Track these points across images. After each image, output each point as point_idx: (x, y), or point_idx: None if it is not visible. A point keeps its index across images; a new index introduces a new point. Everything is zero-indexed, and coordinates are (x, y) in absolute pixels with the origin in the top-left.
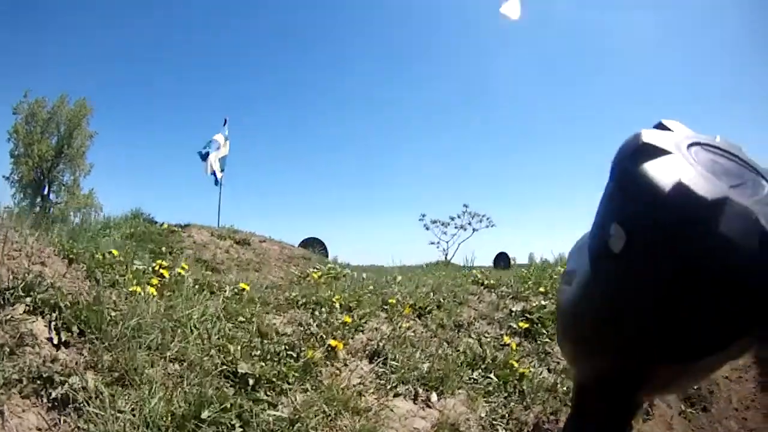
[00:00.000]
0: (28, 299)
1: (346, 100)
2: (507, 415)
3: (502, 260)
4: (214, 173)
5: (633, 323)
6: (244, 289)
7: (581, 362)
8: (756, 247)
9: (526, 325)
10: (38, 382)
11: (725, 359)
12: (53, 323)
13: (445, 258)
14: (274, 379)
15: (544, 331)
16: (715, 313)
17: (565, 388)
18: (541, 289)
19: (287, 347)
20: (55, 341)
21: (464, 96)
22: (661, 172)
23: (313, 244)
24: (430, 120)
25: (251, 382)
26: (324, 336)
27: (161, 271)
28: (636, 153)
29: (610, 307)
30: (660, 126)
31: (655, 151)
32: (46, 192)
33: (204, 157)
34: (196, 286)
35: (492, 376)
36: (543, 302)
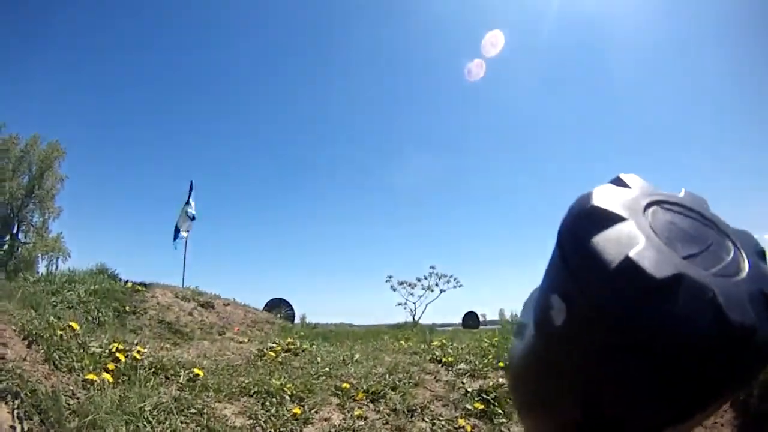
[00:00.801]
0: None
1: (313, 162)
2: None
3: (471, 319)
4: (178, 232)
5: (574, 399)
6: (198, 375)
7: (527, 419)
8: (711, 328)
9: (482, 406)
10: None
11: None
12: (16, 411)
13: (413, 319)
14: None
15: (501, 411)
16: (656, 397)
17: None
18: (501, 364)
19: None
20: (18, 430)
21: (430, 159)
22: (609, 245)
23: (279, 305)
24: (398, 183)
25: None
26: (272, 431)
27: (117, 354)
28: (583, 219)
29: (553, 378)
30: (617, 181)
31: (605, 218)
32: (15, 231)
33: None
34: (152, 370)
35: None
36: (501, 380)
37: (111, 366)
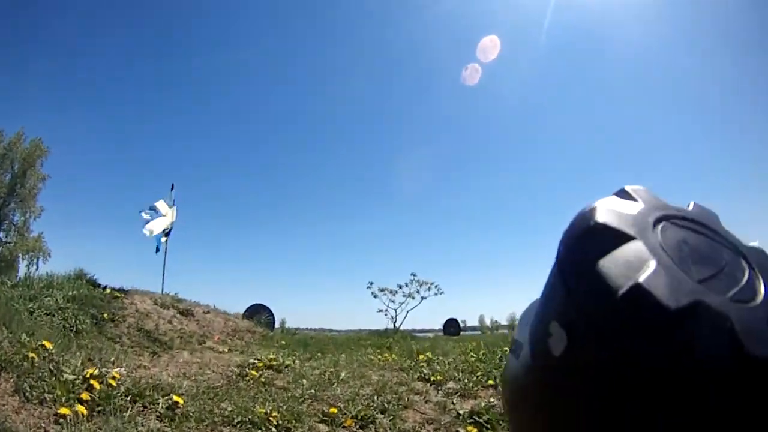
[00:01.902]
0: None
1: (294, 166)
2: None
3: (452, 326)
4: (158, 240)
5: None
6: (178, 403)
7: None
8: (729, 362)
9: (475, 430)
10: None
11: None
12: None
13: (394, 325)
14: None
15: None
16: None
17: None
18: (491, 382)
19: None
20: None
21: (414, 167)
22: (616, 269)
23: (259, 311)
24: (379, 190)
25: None
26: None
27: (92, 381)
28: (586, 238)
29: (549, 411)
30: (622, 194)
31: (611, 237)
32: None
33: (145, 222)
34: (129, 397)
35: None
36: (492, 400)
37: (85, 396)
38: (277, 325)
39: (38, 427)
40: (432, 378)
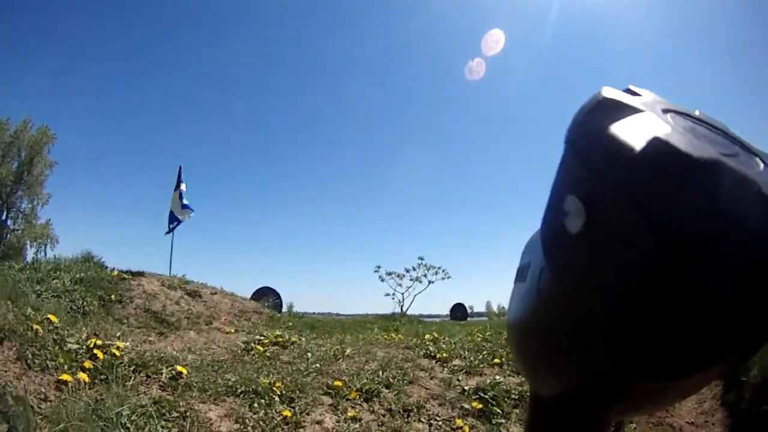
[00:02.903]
0: None
1: (303, 150)
2: None
3: (459, 311)
4: (176, 220)
5: (602, 328)
6: (181, 373)
7: (537, 376)
8: (761, 219)
9: (480, 406)
10: None
11: (713, 376)
12: None
13: (401, 309)
14: None
15: (499, 411)
16: (716, 306)
17: None
18: (497, 361)
19: None
20: None
21: (422, 152)
22: (631, 130)
23: (267, 294)
24: (388, 175)
25: None
26: None
27: (95, 351)
28: (597, 111)
29: (572, 307)
30: (628, 91)
31: (621, 109)
32: (3, 217)
33: (173, 219)
34: (132, 367)
35: None
36: (498, 377)
37: (88, 364)
38: (284, 309)
39: (39, 393)
40: (438, 355)
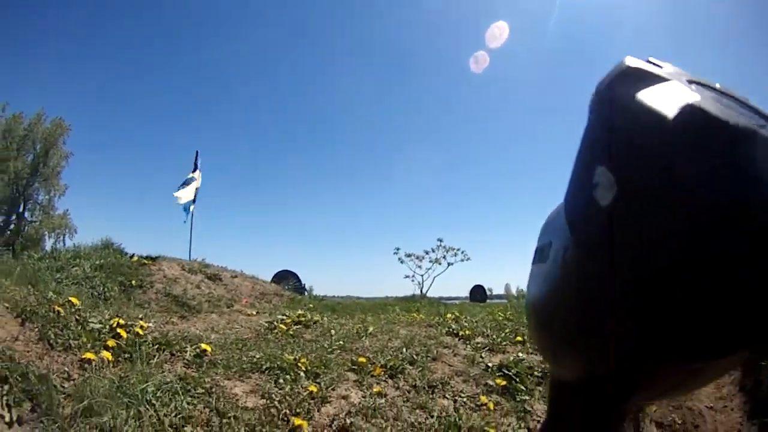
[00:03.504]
0: None
1: (322, 133)
2: None
3: (478, 293)
4: (186, 206)
5: (631, 307)
6: (206, 351)
7: (560, 359)
8: None
9: (504, 383)
10: None
11: (740, 360)
12: (5, 397)
13: (421, 291)
14: None
15: (523, 388)
16: (755, 279)
17: None
18: (519, 338)
19: (247, 429)
20: (7, 419)
21: (437, 133)
22: (660, 98)
23: (287, 277)
24: (407, 156)
25: None
26: (288, 411)
27: (118, 330)
28: (621, 78)
29: (599, 286)
30: (648, 62)
31: (647, 77)
32: (21, 210)
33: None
34: (156, 346)
35: None
36: (521, 354)
37: (111, 343)
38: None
39: (62, 372)
40: (460, 333)
